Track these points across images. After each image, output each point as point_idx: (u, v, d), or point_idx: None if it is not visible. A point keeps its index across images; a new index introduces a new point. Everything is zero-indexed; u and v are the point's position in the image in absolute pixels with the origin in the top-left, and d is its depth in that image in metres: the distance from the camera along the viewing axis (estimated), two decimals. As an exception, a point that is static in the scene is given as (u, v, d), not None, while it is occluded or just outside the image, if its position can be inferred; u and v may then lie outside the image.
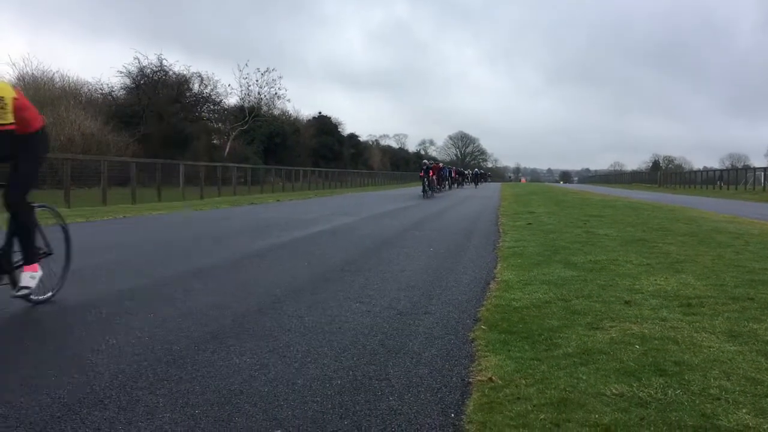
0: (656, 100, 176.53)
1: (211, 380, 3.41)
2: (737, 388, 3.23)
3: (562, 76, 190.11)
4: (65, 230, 5.78)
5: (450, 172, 48.76)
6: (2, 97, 4.62)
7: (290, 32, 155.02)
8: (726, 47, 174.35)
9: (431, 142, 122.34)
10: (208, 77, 48.20)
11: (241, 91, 52.75)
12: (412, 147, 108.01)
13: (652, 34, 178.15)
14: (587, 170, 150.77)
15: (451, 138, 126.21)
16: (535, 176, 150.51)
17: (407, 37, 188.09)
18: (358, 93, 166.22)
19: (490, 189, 47.18)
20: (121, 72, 43.37)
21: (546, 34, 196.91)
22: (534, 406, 3.03)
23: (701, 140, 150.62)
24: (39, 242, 5.26)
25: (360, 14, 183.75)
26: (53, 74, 40.75)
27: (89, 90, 42.59)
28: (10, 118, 4.65)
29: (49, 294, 5.27)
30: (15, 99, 4.74)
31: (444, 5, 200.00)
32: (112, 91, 43.51)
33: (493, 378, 3.42)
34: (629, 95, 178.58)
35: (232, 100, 52.46)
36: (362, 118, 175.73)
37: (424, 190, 30.10)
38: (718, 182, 52.56)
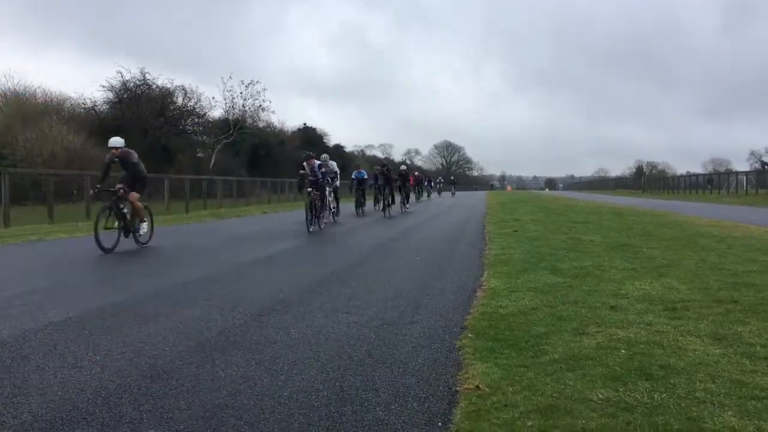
0: (638, 106, 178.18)
1: (196, 395, 3.38)
2: (722, 391, 3.25)
3: (547, 81, 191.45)
4: None
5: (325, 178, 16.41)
6: None
7: (262, 46, 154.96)
8: (697, 51, 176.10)
9: (417, 152, 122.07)
10: (191, 90, 48.02)
11: (226, 103, 52.48)
12: (397, 156, 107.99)
13: (644, 42, 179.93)
14: (572, 177, 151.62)
15: (436, 147, 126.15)
16: (520, 184, 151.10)
17: (383, 46, 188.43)
18: (337, 104, 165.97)
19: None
20: (104, 86, 43.16)
21: (526, 39, 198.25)
22: (521, 413, 3.02)
23: (684, 145, 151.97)
24: None
25: (325, 23, 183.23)
26: (35, 89, 40.49)
27: (72, 105, 42.29)
28: None
29: None
30: None
31: (416, 14, 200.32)
32: (95, 105, 43.23)
33: (480, 386, 3.41)
34: (611, 101, 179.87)
35: (216, 113, 52.24)
36: (346, 130, 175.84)
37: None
38: (709, 186, 52.46)
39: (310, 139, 64.98)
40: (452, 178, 68.78)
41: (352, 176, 22.90)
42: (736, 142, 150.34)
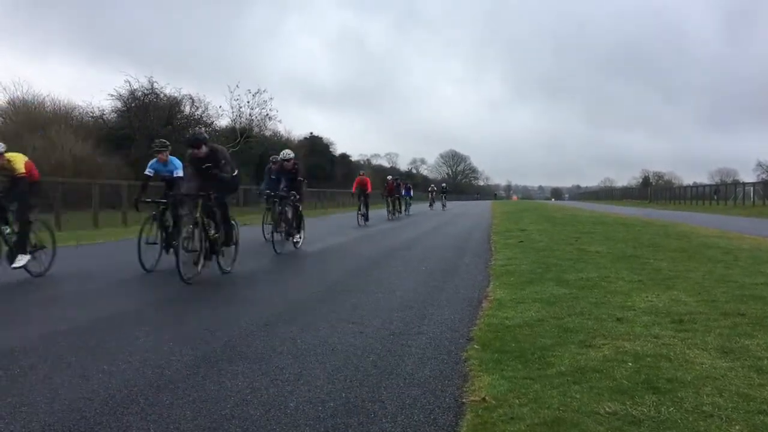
0: (643, 115, 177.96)
1: (202, 405, 3.39)
2: (730, 405, 3.23)
3: (551, 90, 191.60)
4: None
5: None
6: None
7: (265, 53, 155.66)
8: (701, 59, 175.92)
9: (422, 161, 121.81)
10: (198, 99, 48.29)
11: (233, 112, 52.72)
12: (403, 166, 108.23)
13: (646, 51, 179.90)
14: (578, 187, 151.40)
15: (442, 156, 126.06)
16: (526, 193, 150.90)
17: (386, 53, 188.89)
18: (343, 113, 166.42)
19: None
20: (111, 95, 43.44)
21: (530, 48, 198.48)
22: (527, 426, 3.01)
23: (689, 155, 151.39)
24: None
25: (326, 29, 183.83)
26: (44, 98, 40.77)
27: (80, 113, 42.57)
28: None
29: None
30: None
31: (417, 20, 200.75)
32: (103, 114, 43.52)
33: (487, 398, 3.41)
34: (616, 110, 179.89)
35: (223, 122, 52.46)
36: (351, 139, 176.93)
37: None
38: (715, 197, 52.16)
39: (316, 148, 65.20)
40: (443, 185, 53.73)
41: (146, 170, 9.77)
42: (743, 152, 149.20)
